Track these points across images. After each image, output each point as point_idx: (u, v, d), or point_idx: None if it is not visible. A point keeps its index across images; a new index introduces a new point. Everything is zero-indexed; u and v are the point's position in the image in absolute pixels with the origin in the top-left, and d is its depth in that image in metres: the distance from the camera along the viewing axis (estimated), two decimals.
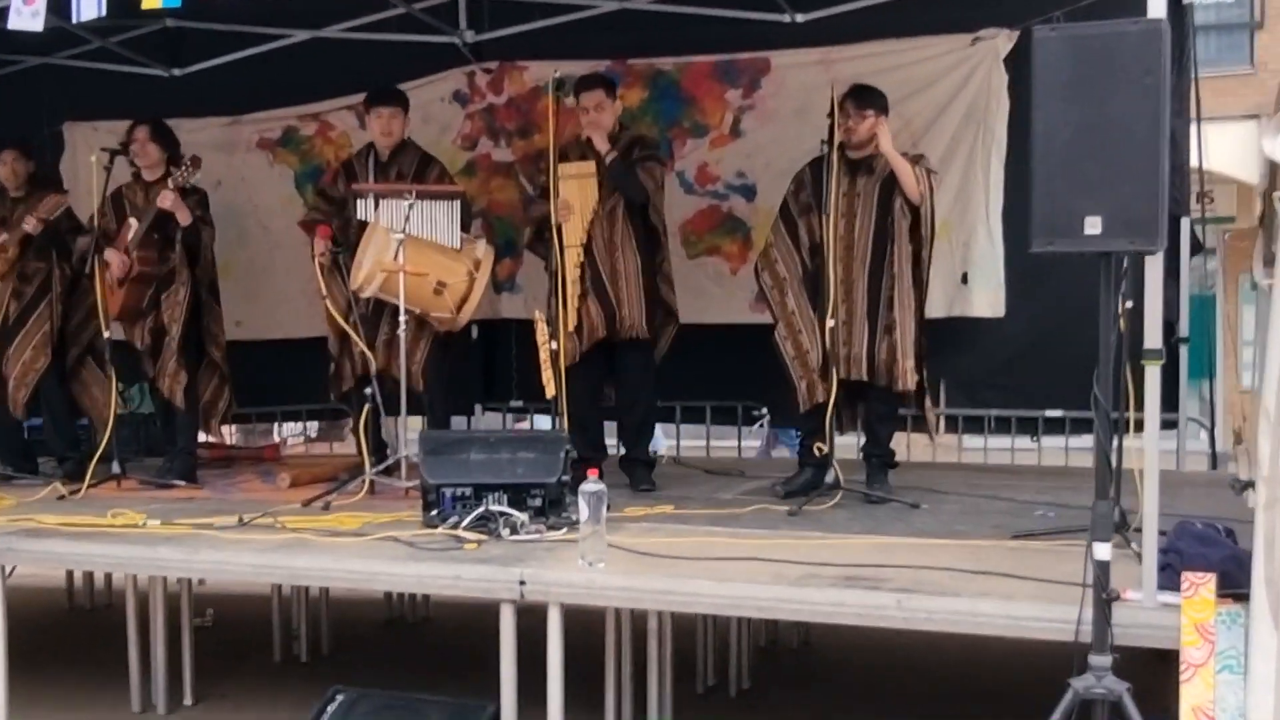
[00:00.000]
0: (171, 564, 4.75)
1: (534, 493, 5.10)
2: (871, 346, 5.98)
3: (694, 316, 7.05)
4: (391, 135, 6.64)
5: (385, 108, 6.64)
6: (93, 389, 7.23)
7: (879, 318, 6.00)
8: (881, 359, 5.96)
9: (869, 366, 5.98)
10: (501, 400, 8.48)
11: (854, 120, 6.00)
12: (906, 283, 6.00)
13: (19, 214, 7.08)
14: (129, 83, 8.78)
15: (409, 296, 6.10)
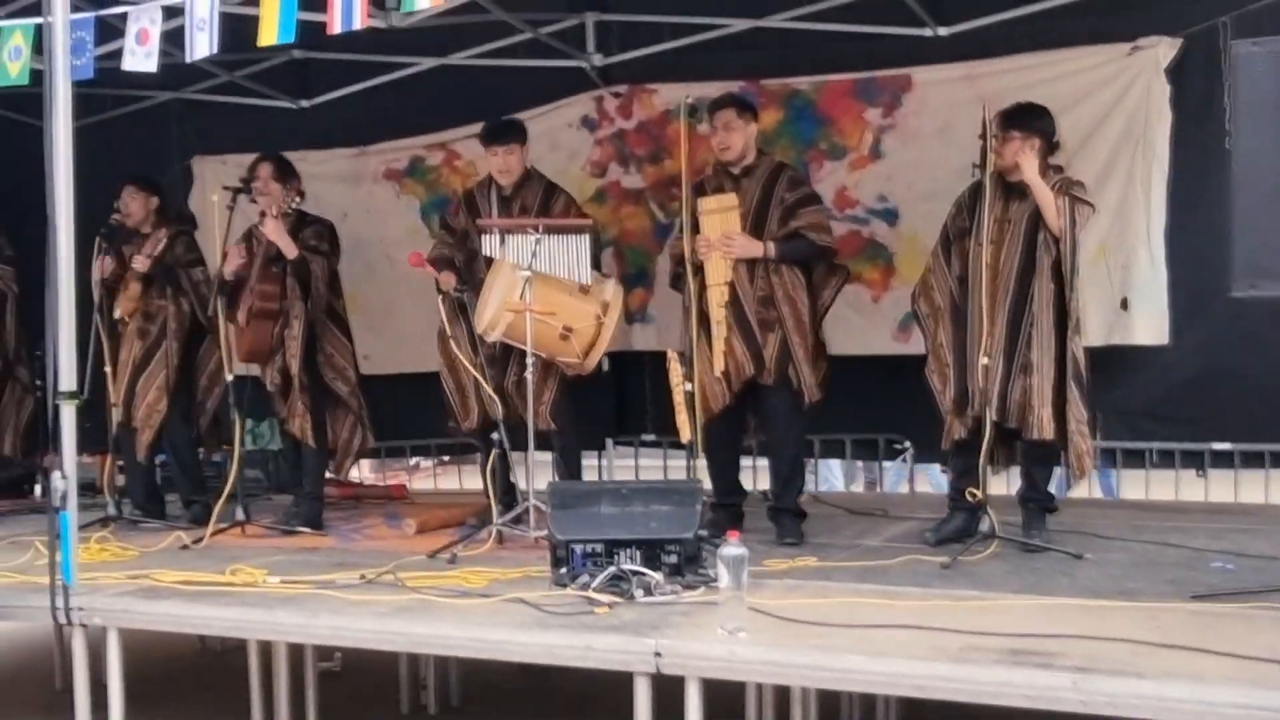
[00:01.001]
0: (288, 628, 4.54)
1: (669, 549, 4.78)
2: (1005, 387, 5.56)
3: (834, 347, 6.64)
4: (510, 172, 6.40)
5: (500, 146, 6.40)
6: None
7: (1015, 356, 5.57)
8: (1014, 400, 5.53)
9: (1000, 407, 5.56)
10: (633, 434, 8.19)
11: (998, 142, 5.59)
12: (1046, 324, 5.54)
13: None
14: (256, 115, 8.74)
15: (535, 341, 5.84)
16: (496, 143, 6.39)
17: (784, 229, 5.98)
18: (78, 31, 4.85)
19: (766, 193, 6.03)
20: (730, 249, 5.89)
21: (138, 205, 7.10)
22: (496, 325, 5.92)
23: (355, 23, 4.54)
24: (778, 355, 5.94)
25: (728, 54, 7.63)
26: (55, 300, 4.79)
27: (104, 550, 5.96)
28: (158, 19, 4.89)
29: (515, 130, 6.52)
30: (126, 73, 5.16)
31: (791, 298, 5.99)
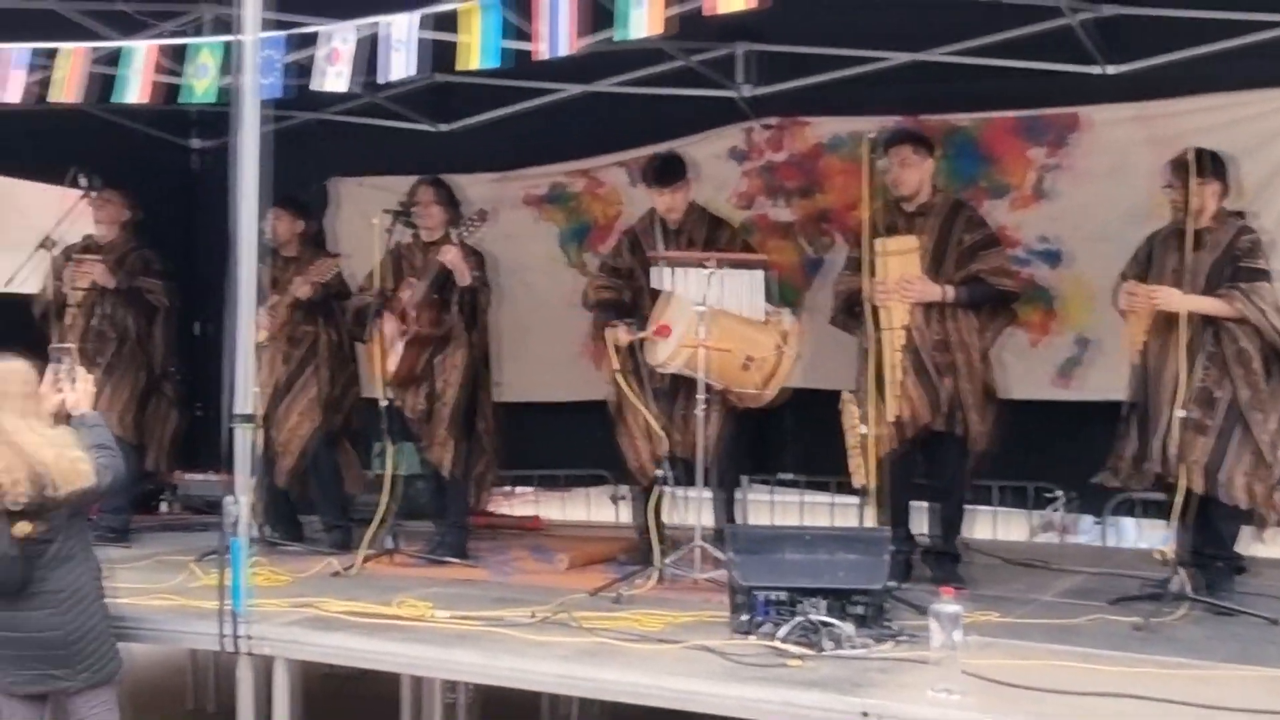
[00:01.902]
0: (468, 668, 4.40)
1: (856, 599, 4.60)
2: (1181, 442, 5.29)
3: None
4: (675, 210, 6.27)
5: (665, 189, 6.27)
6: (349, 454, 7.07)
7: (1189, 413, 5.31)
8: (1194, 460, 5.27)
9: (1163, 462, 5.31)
10: (770, 473, 7.99)
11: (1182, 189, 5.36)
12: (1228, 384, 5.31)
13: (289, 275, 6.92)
14: (395, 138, 8.69)
15: (714, 371, 5.69)
16: (663, 185, 6.24)
17: (963, 272, 5.78)
18: (267, 50, 4.78)
19: (944, 233, 5.84)
20: (909, 293, 5.70)
21: (284, 227, 7.05)
22: (676, 358, 5.76)
23: (563, 49, 4.42)
24: (950, 401, 5.75)
25: (885, 88, 7.46)
26: (235, 321, 4.71)
27: (256, 575, 5.83)
28: (350, 38, 4.81)
29: (680, 169, 6.36)
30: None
31: (966, 342, 5.80)
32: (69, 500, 4.49)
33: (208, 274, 9.02)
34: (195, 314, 9.13)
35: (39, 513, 4.45)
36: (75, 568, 4.60)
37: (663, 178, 6.28)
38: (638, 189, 8.07)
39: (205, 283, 9.04)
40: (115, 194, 7.43)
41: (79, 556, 4.63)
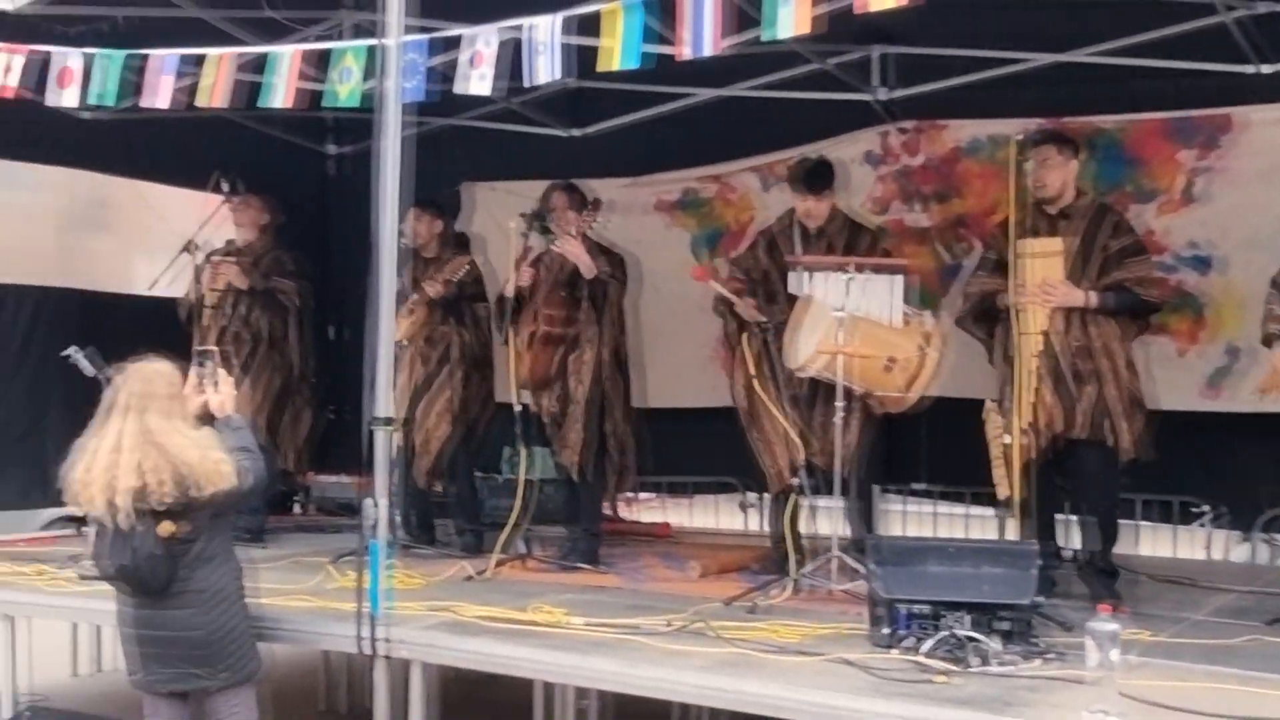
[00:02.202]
0: (607, 677, 4.35)
1: (1002, 615, 4.47)
2: None
3: None
4: (820, 216, 6.17)
5: (812, 195, 6.16)
6: None
7: None
8: None
9: None
10: (903, 483, 7.84)
11: None
12: None
13: (428, 276, 6.96)
14: (527, 142, 8.70)
15: (855, 374, 5.59)
16: (811, 191, 6.14)
17: (1106, 278, 5.61)
18: (410, 54, 4.79)
19: (1089, 237, 5.66)
20: (1050, 297, 5.54)
21: (424, 228, 7.08)
22: (815, 361, 5.67)
23: (707, 49, 4.36)
24: (1093, 409, 5.56)
25: (1025, 90, 7.28)
26: (375, 323, 4.71)
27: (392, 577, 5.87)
28: (493, 41, 4.80)
29: (830, 176, 6.26)
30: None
31: (1110, 349, 5.62)
32: (212, 501, 4.53)
33: (343, 278, 9.16)
34: (330, 318, 9.26)
35: (183, 513, 4.50)
36: (218, 568, 4.64)
37: (812, 183, 6.18)
38: (771, 194, 8.04)
39: (340, 287, 9.19)
40: (255, 198, 7.54)
41: (221, 557, 4.67)
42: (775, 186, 8.01)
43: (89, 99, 5.59)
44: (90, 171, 8.41)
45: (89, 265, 8.51)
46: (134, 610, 4.66)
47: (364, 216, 8.17)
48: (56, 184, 8.45)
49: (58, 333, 7.53)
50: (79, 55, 5.57)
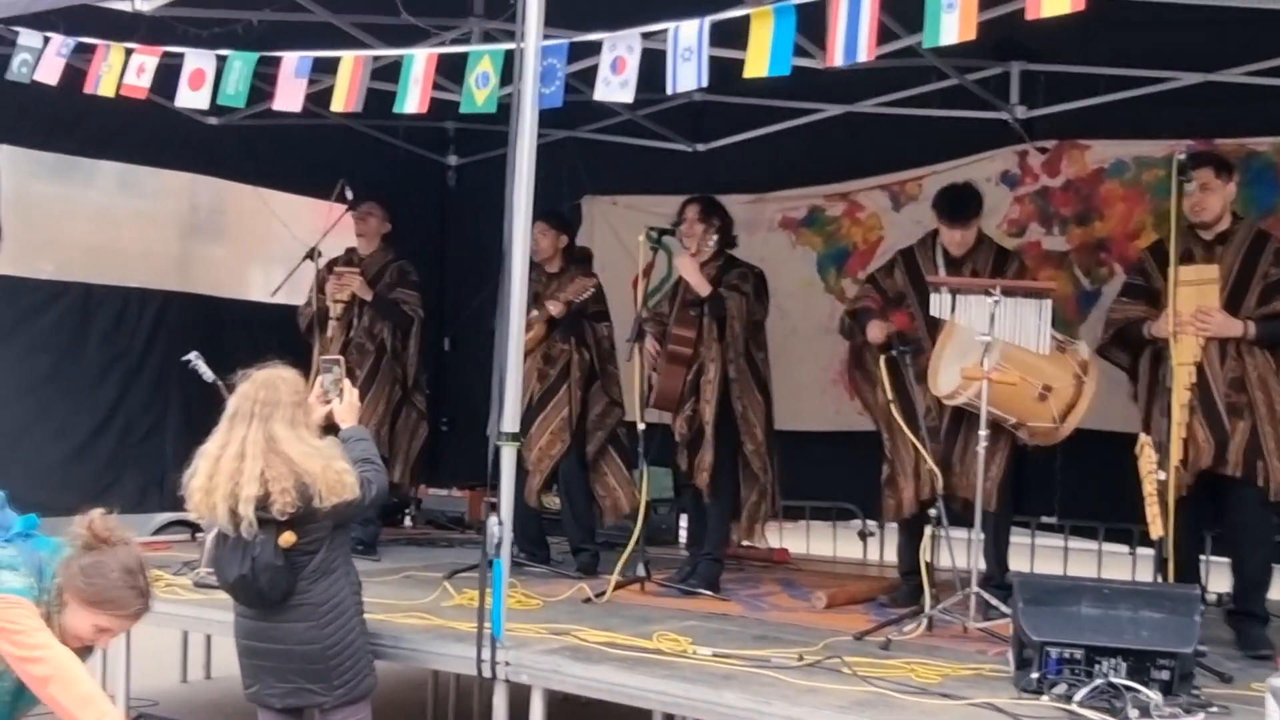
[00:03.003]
0: (739, 713, 4.13)
1: (1161, 663, 4.19)
2: None
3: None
4: (962, 245, 5.92)
5: (959, 227, 5.90)
6: (609, 479, 6.87)
7: None
8: None
9: None
10: (1031, 515, 7.52)
11: None
12: None
13: (552, 291, 6.82)
14: (649, 156, 8.58)
15: (1005, 404, 5.33)
16: (955, 221, 5.90)
17: (1265, 308, 5.31)
18: (549, 58, 4.64)
19: (1247, 264, 5.37)
20: (1206, 327, 5.26)
21: (547, 242, 6.95)
22: (966, 389, 5.43)
23: (861, 54, 4.16)
24: (1246, 445, 5.26)
25: (1171, 109, 7.00)
26: (505, 336, 4.57)
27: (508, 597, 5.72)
28: (636, 46, 4.64)
29: (976, 205, 6.00)
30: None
31: (1265, 381, 5.31)
32: (333, 512, 4.43)
33: (458, 290, 9.12)
34: (444, 329, 9.19)
35: (304, 523, 4.40)
36: (336, 581, 4.54)
37: (956, 213, 5.92)
38: (902, 213, 7.84)
39: (455, 298, 9.14)
40: (377, 207, 7.48)
41: (340, 570, 4.57)
42: (907, 206, 7.80)
43: (219, 100, 5.52)
44: (212, 177, 8.44)
45: (210, 271, 8.54)
46: (250, 622, 4.57)
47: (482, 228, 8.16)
48: (179, 189, 8.50)
49: (179, 337, 7.50)
50: (211, 57, 5.50)
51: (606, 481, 6.87)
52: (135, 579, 3.73)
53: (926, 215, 7.25)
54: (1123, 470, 5.32)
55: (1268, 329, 5.31)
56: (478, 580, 4.72)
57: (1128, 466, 5.14)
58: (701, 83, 4.57)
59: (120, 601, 3.71)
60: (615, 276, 7.49)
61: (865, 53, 4.16)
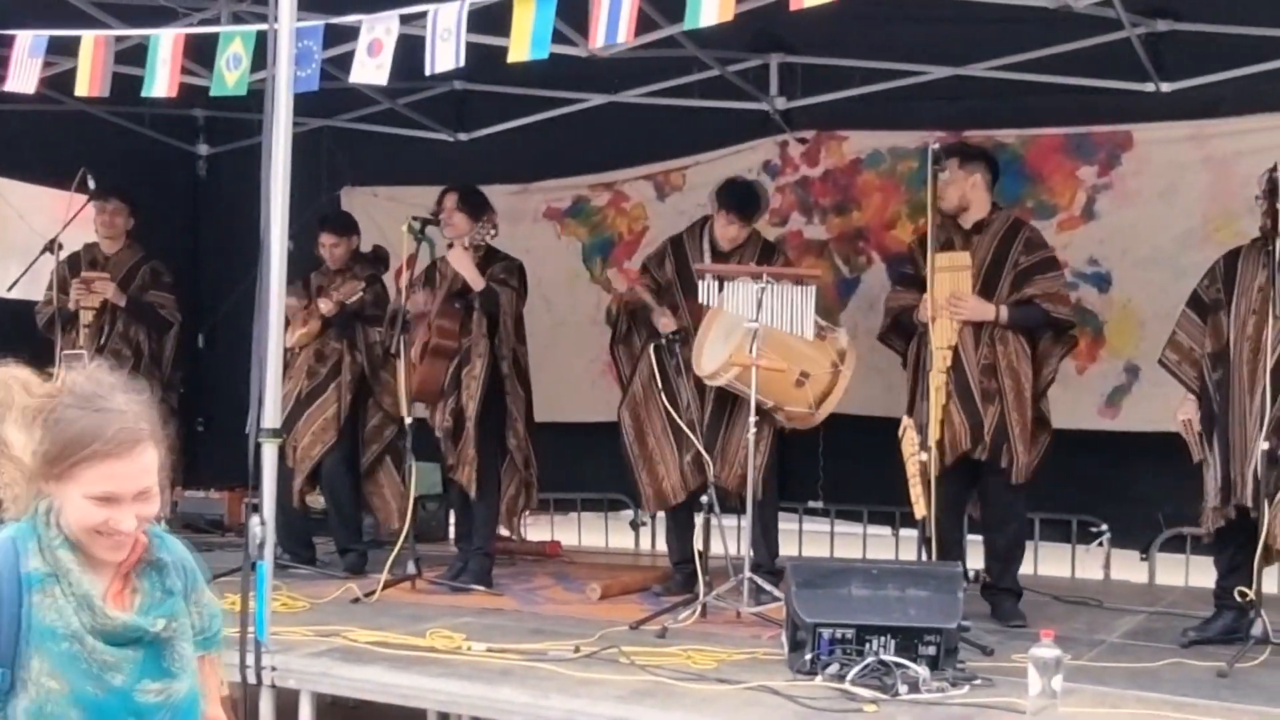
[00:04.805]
0: (517, 708, 4.05)
1: (928, 639, 4.29)
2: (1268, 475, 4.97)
3: None
4: (735, 239, 5.97)
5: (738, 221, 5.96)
6: (385, 490, 6.71)
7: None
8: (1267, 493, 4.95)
9: (1254, 493, 4.99)
10: (798, 501, 7.64)
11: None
12: None
13: (330, 288, 6.66)
14: (410, 147, 8.41)
15: (764, 387, 5.38)
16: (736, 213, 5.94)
17: (1016, 294, 5.50)
18: (304, 40, 4.46)
19: (1000, 253, 5.57)
20: (959, 310, 5.42)
21: (341, 251, 6.81)
22: (727, 370, 5.45)
23: (621, 35, 4.13)
24: (994, 430, 5.45)
25: (925, 102, 7.18)
26: (264, 329, 4.38)
27: (273, 599, 5.50)
28: (394, 28, 4.50)
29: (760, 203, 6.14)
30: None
31: (1015, 369, 5.51)
32: None
33: (213, 284, 8.76)
34: (198, 325, 8.83)
35: None
36: None
37: (743, 208, 5.98)
38: (666, 203, 7.85)
39: (210, 293, 8.78)
40: (121, 203, 7.13)
41: None
42: (671, 195, 7.83)
43: None
44: None
45: None
46: None
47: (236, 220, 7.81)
48: None
49: None
50: None
51: (383, 493, 6.73)
52: (95, 401, 2.36)
53: (691, 205, 7.35)
54: (884, 454, 5.46)
55: (1019, 314, 5.51)
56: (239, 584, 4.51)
57: (888, 450, 5.28)
58: (460, 63, 4.47)
59: (82, 435, 2.30)
60: None
61: (625, 34, 4.13)
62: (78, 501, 2.26)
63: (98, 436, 2.26)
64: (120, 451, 2.27)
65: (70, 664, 2.21)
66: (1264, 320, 5.06)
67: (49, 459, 2.30)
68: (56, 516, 2.29)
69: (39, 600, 2.24)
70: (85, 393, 2.34)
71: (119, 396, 2.34)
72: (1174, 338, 5.44)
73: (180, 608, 2.34)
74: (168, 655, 2.30)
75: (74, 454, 2.27)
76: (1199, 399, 5.32)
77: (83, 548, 2.28)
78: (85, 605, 2.25)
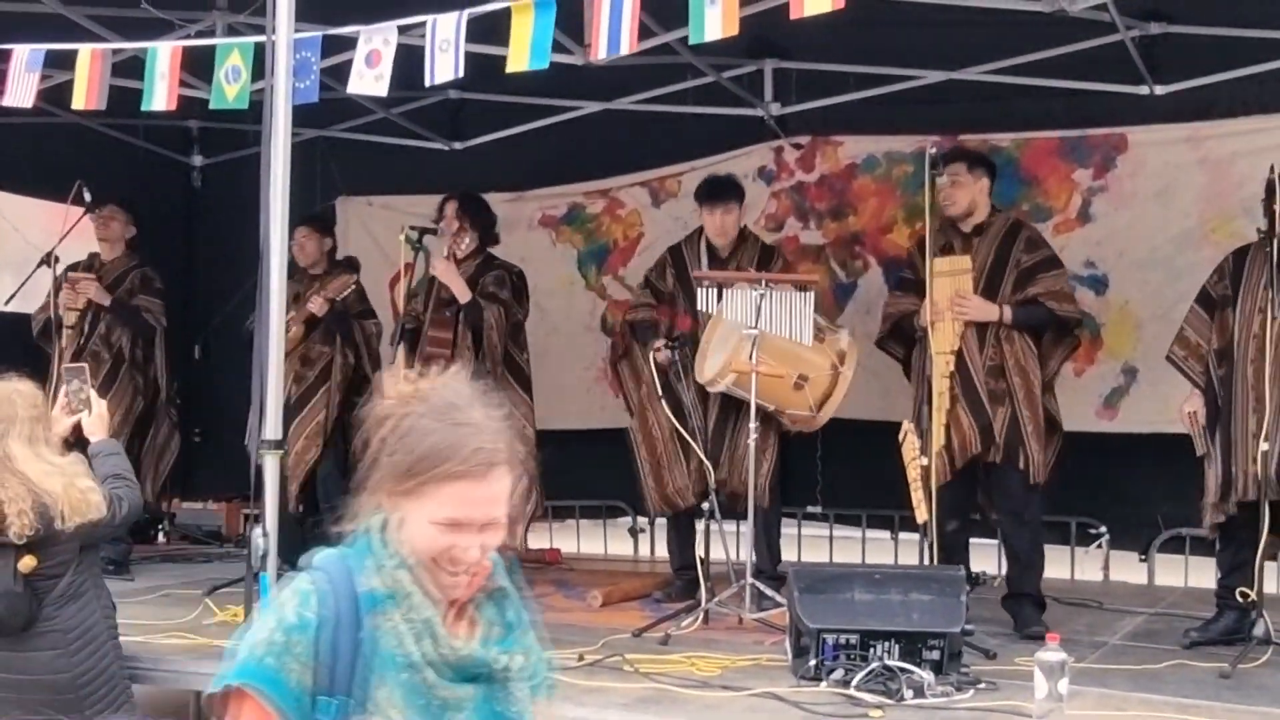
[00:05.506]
0: None
1: (932, 643, 4.29)
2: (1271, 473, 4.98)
3: None
4: (726, 234, 5.99)
5: (718, 206, 5.99)
6: None
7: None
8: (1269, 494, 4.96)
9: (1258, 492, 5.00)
10: (797, 506, 7.64)
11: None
12: None
13: (313, 291, 6.61)
14: (405, 156, 8.41)
15: (764, 392, 5.38)
16: (715, 202, 5.96)
17: (1020, 294, 5.50)
18: (303, 51, 4.46)
19: (1001, 254, 5.56)
20: (964, 311, 5.42)
21: (314, 246, 6.77)
22: (725, 376, 5.46)
23: (623, 48, 4.13)
24: (1007, 431, 5.43)
25: (920, 107, 7.21)
26: (265, 340, 4.37)
27: None
28: (392, 39, 4.50)
29: (733, 189, 6.11)
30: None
31: (1023, 368, 5.49)
32: (78, 533, 4.18)
33: (208, 295, 8.75)
34: (194, 336, 8.82)
35: (45, 546, 4.13)
36: (86, 605, 4.28)
37: (713, 194, 6.02)
38: (662, 209, 7.87)
39: (205, 304, 8.77)
40: (119, 210, 7.11)
41: (90, 593, 4.31)
42: (666, 202, 7.84)
43: None
44: None
45: None
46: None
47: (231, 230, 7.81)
48: None
49: None
50: None
51: None
52: (452, 413, 2.08)
53: (686, 212, 7.34)
54: (882, 459, 5.45)
55: (1023, 313, 5.50)
56: (241, 596, 4.50)
57: (886, 455, 5.26)
58: (459, 74, 4.47)
59: (436, 451, 2.03)
60: (373, 279, 7.31)
61: (627, 46, 4.13)
62: (421, 524, 2.02)
63: (453, 454, 2.00)
64: (475, 473, 2.00)
65: (410, 697, 1.98)
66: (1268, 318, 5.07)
67: (396, 472, 2.03)
68: (395, 535, 2.06)
69: (378, 623, 2.00)
70: (442, 402, 2.07)
71: (478, 411, 2.07)
72: (1182, 333, 5.46)
73: (523, 644, 2.11)
74: (506, 697, 2.05)
75: (425, 470, 2.00)
76: (1204, 394, 5.33)
77: (416, 572, 2.04)
78: (427, 632, 2.01)
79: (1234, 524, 5.10)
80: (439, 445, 1.99)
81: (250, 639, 1.99)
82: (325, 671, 1.96)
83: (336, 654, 1.97)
